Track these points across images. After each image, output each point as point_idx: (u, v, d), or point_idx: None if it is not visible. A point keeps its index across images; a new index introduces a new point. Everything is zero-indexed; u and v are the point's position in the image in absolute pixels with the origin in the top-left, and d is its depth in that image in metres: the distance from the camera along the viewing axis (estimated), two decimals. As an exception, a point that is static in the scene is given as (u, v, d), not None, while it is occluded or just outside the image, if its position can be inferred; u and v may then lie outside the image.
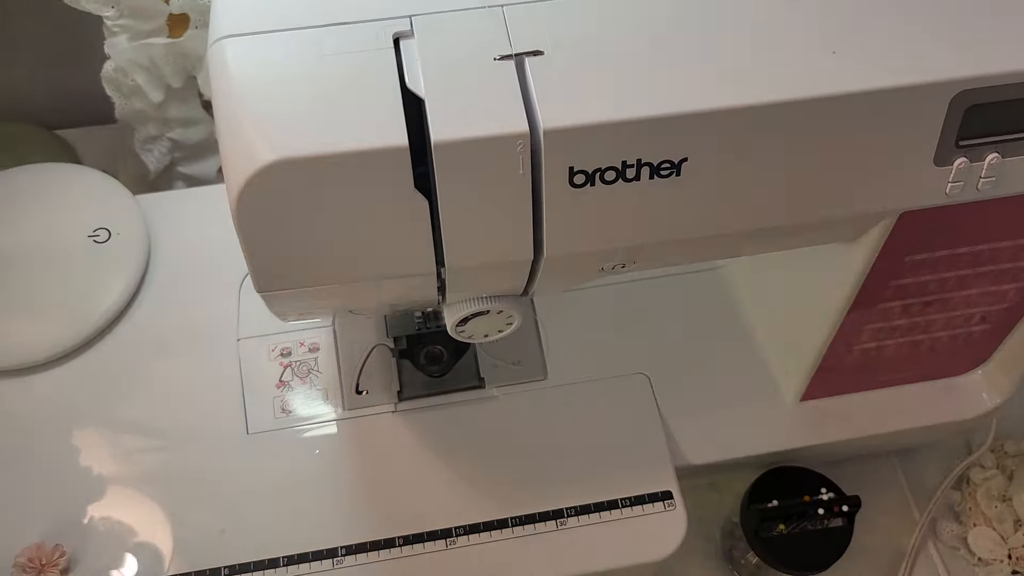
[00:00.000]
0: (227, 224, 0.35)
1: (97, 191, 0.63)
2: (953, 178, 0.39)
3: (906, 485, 0.64)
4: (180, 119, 0.69)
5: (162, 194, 0.67)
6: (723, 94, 0.35)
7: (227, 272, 0.59)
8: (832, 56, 0.36)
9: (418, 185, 0.34)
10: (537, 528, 0.51)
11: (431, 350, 0.56)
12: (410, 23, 0.35)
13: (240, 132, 0.33)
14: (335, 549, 0.50)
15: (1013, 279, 0.49)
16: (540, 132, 0.33)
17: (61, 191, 0.63)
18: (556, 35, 0.35)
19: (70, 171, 0.65)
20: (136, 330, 0.58)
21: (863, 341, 0.52)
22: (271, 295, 0.39)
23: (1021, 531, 0.60)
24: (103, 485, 0.52)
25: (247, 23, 0.35)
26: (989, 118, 0.38)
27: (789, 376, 0.57)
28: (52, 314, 0.57)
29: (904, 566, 0.61)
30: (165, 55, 0.63)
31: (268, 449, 0.54)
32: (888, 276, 0.47)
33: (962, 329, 0.53)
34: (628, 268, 0.42)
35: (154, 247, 0.61)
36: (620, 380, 0.57)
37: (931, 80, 0.36)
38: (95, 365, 0.57)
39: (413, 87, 0.34)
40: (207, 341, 0.57)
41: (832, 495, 0.56)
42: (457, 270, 0.38)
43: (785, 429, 0.57)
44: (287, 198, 0.34)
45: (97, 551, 0.50)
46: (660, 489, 0.53)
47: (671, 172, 0.36)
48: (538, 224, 0.37)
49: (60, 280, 0.59)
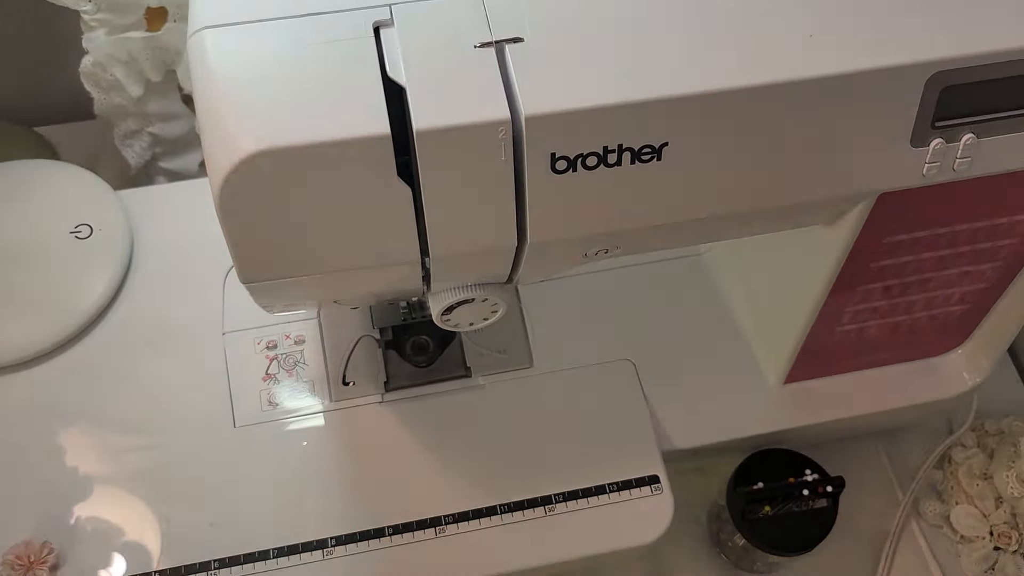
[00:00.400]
0: (210, 218, 0.35)
1: (78, 187, 0.63)
2: (930, 159, 0.40)
3: (889, 465, 0.65)
4: (160, 113, 0.69)
5: (143, 189, 0.67)
6: (703, 78, 0.35)
7: (211, 266, 0.59)
8: (809, 39, 0.36)
9: (401, 173, 0.35)
10: (525, 515, 0.52)
11: (417, 340, 0.56)
12: (390, 11, 0.35)
13: (222, 123, 0.33)
14: (325, 540, 0.51)
15: (991, 259, 0.49)
16: (521, 118, 0.34)
17: (42, 188, 0.62)
18: (536, 21, 0.35)
19: (50, 168, 0.65)
20: (121, 326, 0.58)
21: (844, 323, 0.53)
22: (256, 286, 0.39)
23: (1002, 508, 0.60)
24: (90, 482, 0.52)
25: (226, 14, 0.35)
26: (964, 99, 0.38)
27: (772, 359, 0.57)
28: (35, 312, 0.57)
29: (888, 545, 0.61)
30: (144, 49, 0.63)
31: (256, 442, 0.54)
32: (868, 258, 0.47)
33: (941, 309, 0.53)
34: (611, 254, 0.43)
35: (137, 242, 0.61)
36: (605, 366, 0.57)
37: (907, 62, 0.36)
38: (80, 362, 0.56)
39: (394, 75, 0.34)
40: (192, 335, 0.57)
41: (816, 476, 0.56)
42: (441, 258, 0.39)
43: (769, 412, 0.58)
44: (270, 189, 0.34)
45: (85, 548, 0.50)
46: (647, 474, 0.53)
47: (652, 157, 0.36)
48: (521, 210, 0.37)
49: (43, 277, 0.59)
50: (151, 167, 0.73)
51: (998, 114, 0.39)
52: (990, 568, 0.60)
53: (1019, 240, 0.48)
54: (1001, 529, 0.60)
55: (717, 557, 0.61)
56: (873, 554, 0.62)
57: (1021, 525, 0.60)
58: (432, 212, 0.36)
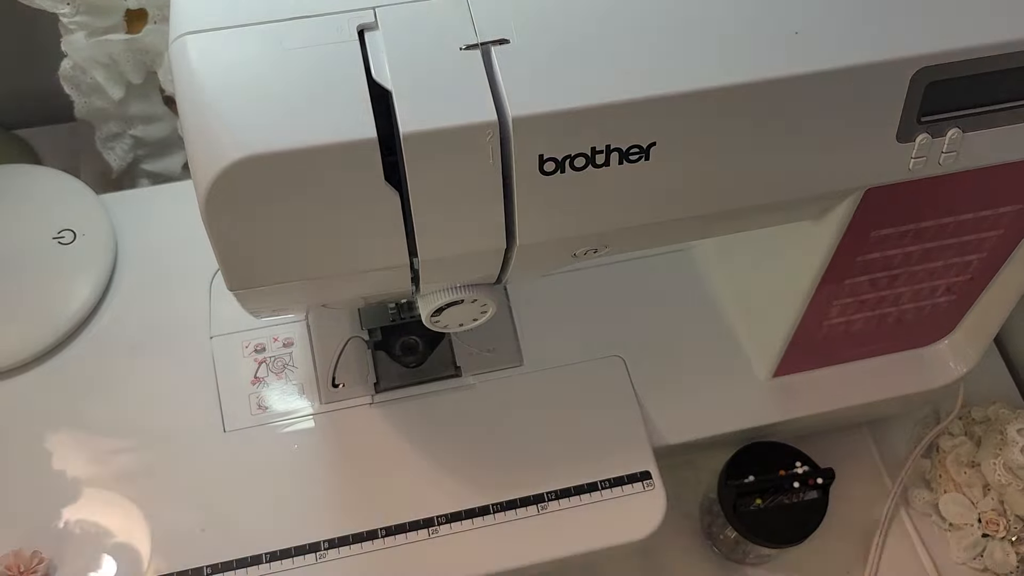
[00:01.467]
0: (195, 221, 0.35)
1: (60, 192, 0.62)
2: (916, 154, 0.40)
3: (878, 456, 0.66)
4: (141, 116, 0.68)
5: (127, 192, 0.66)
6: (689, 77, 0.35)
7: (197, 269, 0.59)
8: (795, 36, 0.36)
9: (388, 178, 0.34)
10: (518, 513, 0.52)
11: (406, 341, 0.56)
12: (374, 14, 0.35)
13: (206, 130, 0.33)
14: (318, 543, 0.50)
15: (976, 250, 0.50)
16: (509, 121, 0.33)
17: (23, 193, 0.62)
18: (521, 23, 0.35)
19: (31, 172, 0.64)
20: (106, 332, 0.57)
21: (832, 316, 0.53)
22: (244, 292, 0.39)
23: (990, 495, 0.61)
24: (80, 489, 0.52)
25: (208, 19, 0.35)
26: (949, 94, 0.38)
27: (761, 353, 0.58)
28: (19, 318, 0.57)
29: (878, 534, 0.62)
30: (124, 51, 0.62)
31: (246, 446, 0.53)
32: (855, 252, 0.47)
33: (928, 301, 0.54)
34: (600, 253, 0.43)
35: (121, 247, 0.60)
36: (595, 363, 0.57)
37: (892, 58, 0.36)
38: (65, 369, 0.56)
39: (380, 79, 0.34)
40: (179, 340, 0.57)
41: (807, 468, 0.57)
42: (430, 261, 0.38)
43: (759, 406, 0.58)
44: (256, 195, 0.34)
45: (76, 556, 0.50)
46: (639, 470, 0.53)
47: (640, 156, 0.36)
48: (509, 212, 0.37)
49: (26, 284, 0.58)
50: (134, 169, 0.72)
51: (983, 108, 0.39)
52: (979, 555, 0.61)
53: (1004, 232, 0.48)
54: (989, 516, 0.60)
55: (709, 550, 0.62)
56: (863, 543, 0.62)
57: (1009, 512, 0.60)
58: (420, 216, 0.36)
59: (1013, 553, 0.60)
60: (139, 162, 0.72)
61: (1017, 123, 0.40)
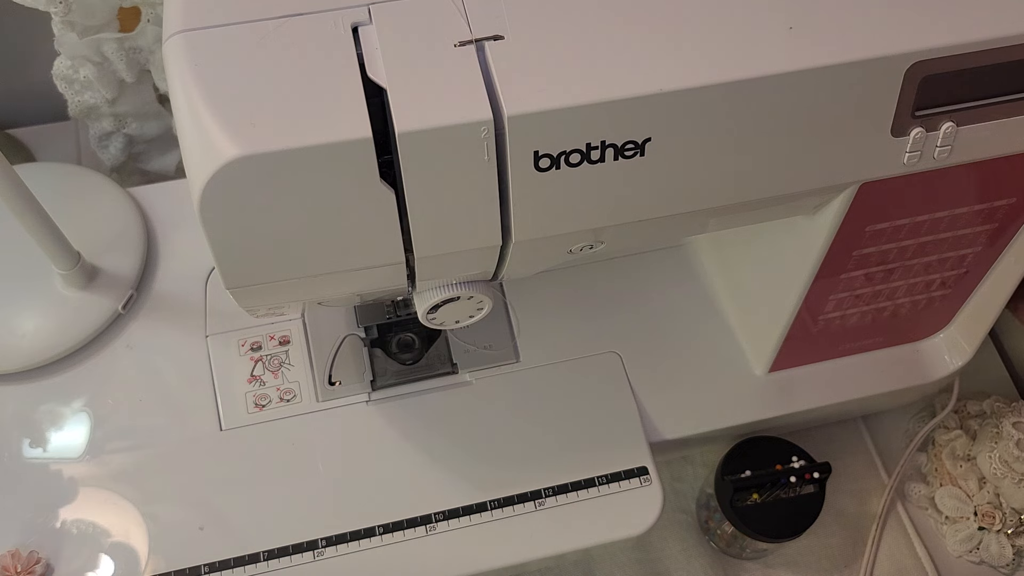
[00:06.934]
0: (190, 219, 0.35)
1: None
2: (910, 148, 0.40)
3: (874, 450, 0.66)
4: (135, 114, 0.68)
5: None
6: (683, 74, 0.35)
7: (192, 268, 0.58)
8: (789, 32, 0.36)
9: (383, 176, 0.34)
10: (516, 510, 0.52)
11: (402, 338, 0.56)
12: (368, 11, 0.35)
13: (201, 129, 0.33)
14: (315, 541, 0.50)
15: (971, 244, 0.50)
16: (504, 118, 0.33)
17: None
18: (516, 18, 0.35)
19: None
20: (103, 331, 0.57)
21: (828, 311, 0.53)
22: (240, 291, 0.39)
23: (986, 488, 0.61)
24: (77, 488, 0.52)
25: (202, 17, 0.34)
26: (943, 88, 0.38)
27: (757, 349, 0.58)
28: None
29: (875, 528, 0.62)
30: (117, 50, 0.62)
31: (243, 445, 0.53)
32: (850, 246, 0.47)
33: (923, 295, 0.54)
34: (596, 249, 0.43)
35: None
36: (592, 359, 0.57)
37: (886, 53, 0.36)
38: (62, 369, 0.56)
39: (374, 76, 0.34)
40: (175, 339, 0.57)
41: (803, 463, 0.57)
42: (426, 258, 0.38)
43: (755, 400, 0.58)
44: (252, 194, 0.34)
45: (74, 556, 0.50)
46: (636, 465, 0.54)
47: (635, 153, 0.36)
48: (505, 209, 0.37)
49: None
50: (128, 168, 0.72)
51: (977, 103, 0.39)
52: (975, 548, 0.61)
53: (998, 225, 0.49)
54: (985, 509, 0.61)
55: (706, 544, 0.62)
56: (860, 537, 0.62)
57: (1004, 505, 0.61)
58: (416, 214, 0.36)
59: (1009, 546, 0.60)
60: (133, 160, 0.71)
61: (1011, 117, 0.40)
